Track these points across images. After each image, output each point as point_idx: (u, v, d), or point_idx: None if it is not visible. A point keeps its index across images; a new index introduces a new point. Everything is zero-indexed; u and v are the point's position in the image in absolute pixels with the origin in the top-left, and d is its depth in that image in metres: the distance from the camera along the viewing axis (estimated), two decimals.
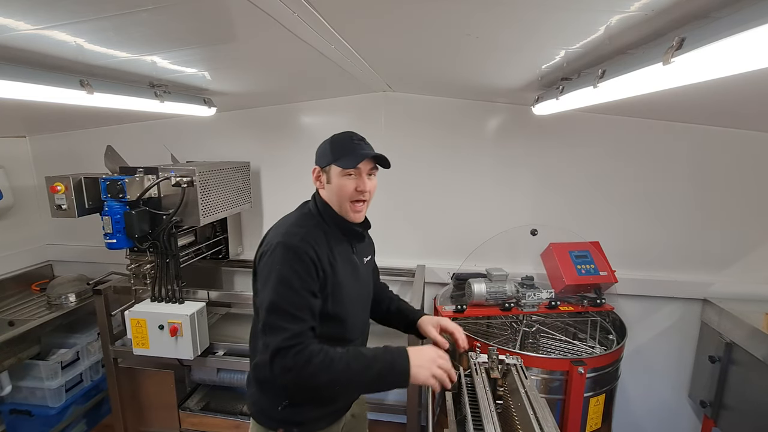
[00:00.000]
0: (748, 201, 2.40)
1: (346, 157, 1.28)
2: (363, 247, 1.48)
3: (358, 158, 1.27)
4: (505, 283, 2.22)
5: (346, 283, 1.32)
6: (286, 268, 1.20)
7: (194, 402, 2.51)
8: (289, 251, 1.21)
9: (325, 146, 1.35)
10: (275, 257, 1.22)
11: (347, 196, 1.30)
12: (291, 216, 1.39)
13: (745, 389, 2.13)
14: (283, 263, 1.20)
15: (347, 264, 1.35)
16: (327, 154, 1.32)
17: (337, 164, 1.29)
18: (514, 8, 1.08)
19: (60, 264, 3.13)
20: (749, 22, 0.66)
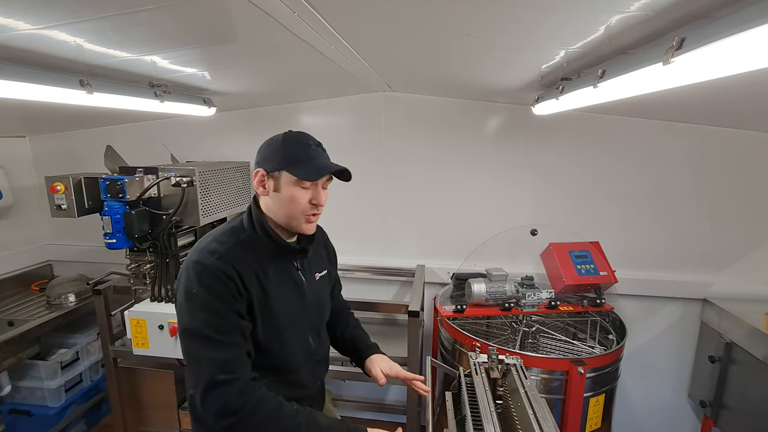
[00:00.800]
0: (748, 201, 2.40)
1: (302, 165, 1.10)
2: (314, 262, 1.34)
3: (320, 171, 1.11)
4: (505, 283, 2.22)
5: (282, 306, 1.17)
6: (203, 290, 1.05)
7: None
8: (204, 270, 1.06)
9: (274, 147, 1.14)
10: (190, 278, 1.07)
11: (300, 210, 1.14)
12: (217, 229, 1.21)
13: (745, 389, 2.13)
14: (199, 284, 1.05)
15: (286, 282, 1.21)
16: (277, 157, 1.12)
17: (291, 172, 1.10)
18: (514, 8, 1.08)
19: (60, 264, 3.13)
20: (749, 22, 0.66)
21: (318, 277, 1.34)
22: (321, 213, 1.20)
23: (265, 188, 1.16)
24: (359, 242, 2.73)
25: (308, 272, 1.30)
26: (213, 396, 1.01)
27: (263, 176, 1.15)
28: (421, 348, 2.32)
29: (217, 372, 1.02)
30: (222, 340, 1.04)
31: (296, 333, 1.23)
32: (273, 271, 1.17)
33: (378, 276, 2.78)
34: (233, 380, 1.02)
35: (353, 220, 2.77)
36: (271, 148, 1.15)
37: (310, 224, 1.19)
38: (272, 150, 1.14)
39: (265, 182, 1.16)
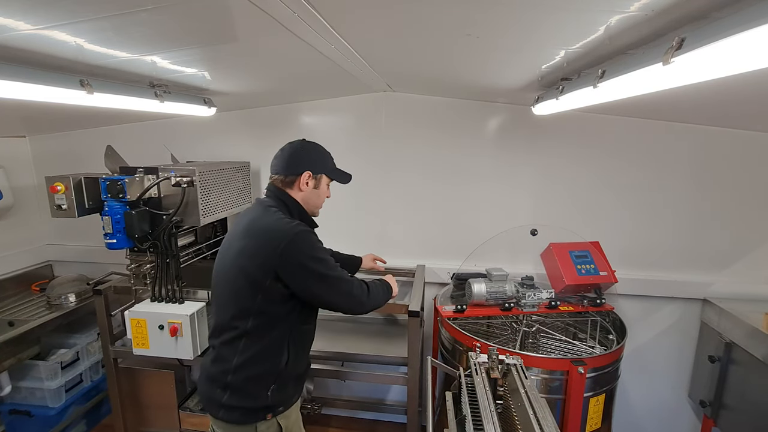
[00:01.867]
0: (748, 201, 2.40)
1: (339, 173, 1.63)
2: None
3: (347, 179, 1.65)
4: (505, 283, 2.22)
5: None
6: (317, 244, 1.47)
7: (194, 402, 2.50)
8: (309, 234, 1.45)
9: (320, 156, 1.59)
10: (305, 243, 1.42)
11: (323, 201, 1.62)
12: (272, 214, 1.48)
13: (745, 389, 2.13)
14: (315, 242, 1.46)
15: None
16: (325, 164, 1.58)
17: (331, 177, 1.61)
18: (514, 8, 1.08)
19: (60, 264, 3.13)
20: (749, 23, 0.66)
21: None
22: None
23: (308, 186, 1.55)
24: (359, 242, 2.72)
25: None
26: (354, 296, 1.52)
27: (309, 176, 1.54)
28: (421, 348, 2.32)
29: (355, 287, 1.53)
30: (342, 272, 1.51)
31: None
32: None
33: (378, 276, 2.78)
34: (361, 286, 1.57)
35: (353, 219, 2.77)
36: (320, 156, 1.59)
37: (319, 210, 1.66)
38: (319, 158, 1.58)
39: (308, 181, 1.54)
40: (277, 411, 1.50)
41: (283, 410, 1.51)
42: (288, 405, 1.54)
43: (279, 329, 1.45)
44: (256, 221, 1.47)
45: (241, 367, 1.43)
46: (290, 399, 1.56)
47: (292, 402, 1.57)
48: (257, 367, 1.44)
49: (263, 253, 1.38)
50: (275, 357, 1.46)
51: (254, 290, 1.39)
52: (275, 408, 1.49)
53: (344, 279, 1.48)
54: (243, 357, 1.43)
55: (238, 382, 1.44)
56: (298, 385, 1.61)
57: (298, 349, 1.53)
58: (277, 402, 1.49)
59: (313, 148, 1.59)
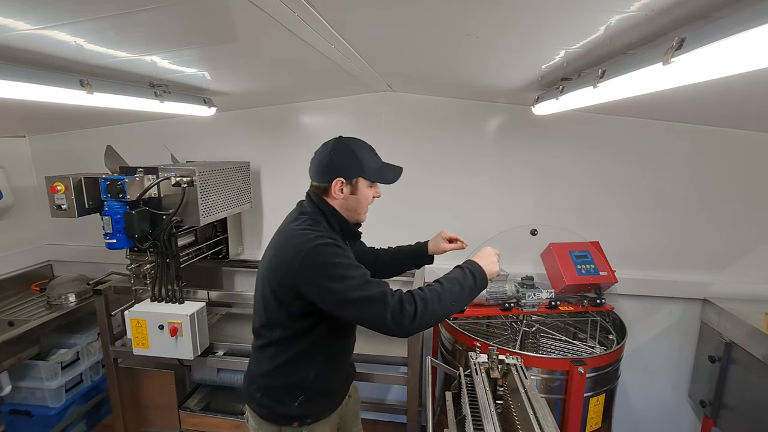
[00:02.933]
0: (748, 201, 2.40)
1: (378, 172, 1.41)
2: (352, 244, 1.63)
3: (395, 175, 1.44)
4: (505, 283, 2.22)
5: None
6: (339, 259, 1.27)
7: (194, 402, 2.51)
8: (333, 245, 1.29)
9: (353, 158, 1.38)
10: (323, 258, 1.26)
11: (367, 204, 1.44)
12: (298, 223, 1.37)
13: (745, 389, 2.13)
14: (336, 256, 1.27)
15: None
16: (359, 167, 1.38)
17: (369, 178, 1.40)
18: (514, 8, 1.08)
19: (60, 264, 3.13)
20: (749, 22, 0.66)
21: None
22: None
23: (342, 193, 1.39)
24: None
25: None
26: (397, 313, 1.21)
27: (342, 184, 1.38)
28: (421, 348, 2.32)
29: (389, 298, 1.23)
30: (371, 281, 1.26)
31: None
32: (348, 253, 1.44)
33: None
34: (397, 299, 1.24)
35: None
36: (348, 160, 1.38)
37: (366, 214, 1.48)
38: (350, 160, 1.38)
39: (342, 188, 1.39)
40: (305, 422, 1.45)
41: (312, 422, 1.46)
42: (317, 418, 1.47)
43: (305, 343, 1.39)
44: (282, 231, 1.41)
45: (271, 374, 1.43)
46: (321, 413, 1.48)
47: (323, 415, 1.49)
48: (285, 378, 1.42)
49: (282, 269, 1.31)
50: (302, 370, 1.42)
51: (279, 304, 1.35)
52: (303, 419, 1.45)
53: (373, 299, 1.22)
54: (272, 365, 1.42)
55: (269, 387, 1.45)
56: (334, 398, 1.54)
57: (328, 364, 1.46)
58: (305, 414, 1.45)
59: (345, 150, 1.39)
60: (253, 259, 2.91)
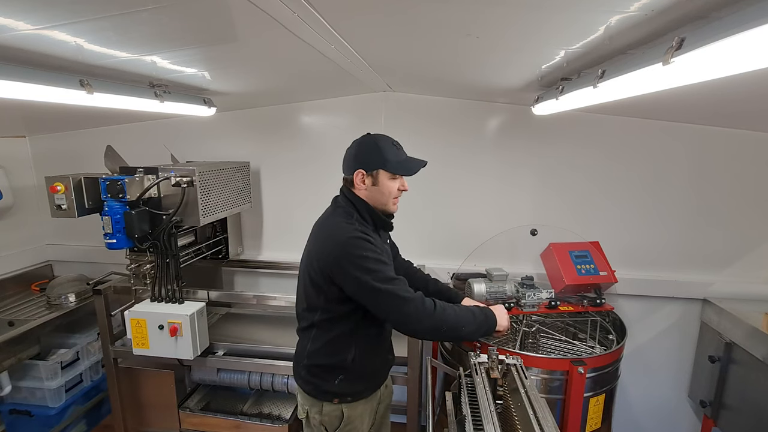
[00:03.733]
0: (747, 201, 2.40)
1: (399, 164, 1.49)
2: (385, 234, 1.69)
3: (415, 168, 1.51)
4: (505, 283, 2.22)
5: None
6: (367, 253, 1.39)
7: (194, 402, 2.51)
8: (362, 239, 1.41)
9: (370, 150, 1.49)
10: (352, 250, 1.39)
11: (393, 195, 1.52)
12: (334, 217, 1.52)
13: (745, 389, 2.13)
14: (364, 249, 1.39)
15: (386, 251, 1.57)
16: (377, 159, 1.47)
17: (389, 170, 1.48)
18: (514, 9, 1.08)
19: (60, 264, 3.13)
20: (749, 23, 0.66)
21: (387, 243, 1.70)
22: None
23: (364, 184, 1.50)
24: None
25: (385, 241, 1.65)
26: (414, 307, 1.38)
27: (363, 175, 1.49)
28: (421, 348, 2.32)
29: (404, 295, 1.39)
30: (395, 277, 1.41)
31: None
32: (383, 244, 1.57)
33: None
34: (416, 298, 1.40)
35: None
36: (369, 152, 1.49)
37: (396, 205, 1.57)
38: (369, 153, 1.49)
39: (364, 180, 1.50)
40: (345, 399, 1.58)
41: (352, 400, 1.58)
42: (357, 397, 1.59)
43: (343, 326, 1.52)
44: (321, 224, 1.56)
45: (313, 354, 1.56)
46: (360, 393, 1.60)
47: (362, 396, 1.61)
48: (325, 358, 1.55)
49: (322, 258, 1.45)
50: (341, 352, 1.54)
51: (317, 290, 1.48)
52: (343, 396, 1.57)
53: (397, 294, 1.37)
54: (314, 346, 1.56)
55: (312, 366, 1.58)
56: (372, 381, 1.65)
57: (366, 348, 1.57)
58: (344, 391, 1.57)
59: (366, 144, 1.51)
60: (253, 259, 2.91)
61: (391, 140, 1.52)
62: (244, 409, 2.48)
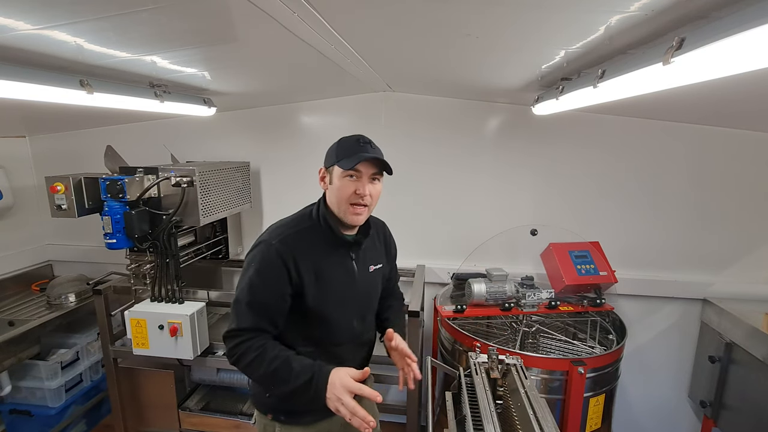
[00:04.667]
0: (747, 201, 2.40)
1: (348, 158, 1.27)
2: (370, 254, 1.47)
3: (356, 159, 1.25)
4: (505, 283, 2.22)
5: (332, 289, 1.35)
6: (257, 269, 1.28)
7: (194, 402, 2.51)
8: (266, 252, 1.28)
9: (332, 147, 1.35)
10: (254, 254, 1.30)
11: (346, 198, 1.29)
12: (291, 215, 1.42)
13: (745, 389, 2.13)
14: (258, 262, 1.28)
15: (340, 268, 1.38)
16: (332, 154, 1.33)
17: (338, 165, 1.29)
18: (514, 8, 1.08)
19: (60, 264, 3.13)
20: (749, 22, 0.66)
21: (372, 269, 1.48)
22: (369, 205, 1.33)
23: (325, 183, 1.36)
24: None
25: (362, 263, 1.44)
26: (226, 342, 1.29)
27: (324, 173, 1.36)
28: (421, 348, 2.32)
29: (233, 330, 1.28)
30: (248, 312, 1.27)
31: (342, 314, 1.39)
32: (328, 258, 1.35)
33: None
34: (238, 336, 1.27)
35: None
36: (330, 149, 1.35)
37: (356, 216, 1.32)
38: (330, 150, 1.35)
39: (324, 177, 1.36)
40: (278, 417, 1.44)
41: (285, 421, 1.44)
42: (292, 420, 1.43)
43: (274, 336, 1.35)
44: None
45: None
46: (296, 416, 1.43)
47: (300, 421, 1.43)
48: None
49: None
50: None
51: None
52: (275, 412, 1.44)
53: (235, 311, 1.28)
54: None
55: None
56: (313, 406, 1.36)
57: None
58: (276, 408, 1.44)
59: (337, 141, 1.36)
60: None
61: (362, 138, 1.32)
62: (244, 409, 2.48)
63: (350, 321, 1.43)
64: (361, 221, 1.35)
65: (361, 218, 1.33)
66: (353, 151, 1.28)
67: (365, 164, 1.28)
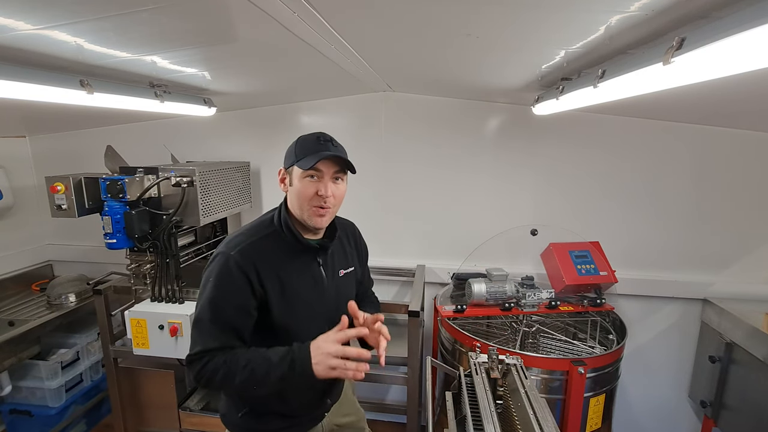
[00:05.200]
0: (748, 201, 2.40)
1: (307, 157, 1.18)
2: (338, 259, 1.38)
3: (316, 158, 1.16)
4: (505, 283, 2.22)
5: (299, 299, 1.25)
6: (216, 284, 1.18)
7: (194, 402, 2.51)
8: (225, 265, 1.19)
9: (291, 146, 1.25)
10: (212, 268, 1.21)
11: (307, 200, 1.20)
12: (250, 222, 1.32)
13: (746, 389, 2.13)
14: (217, 276, 1.19)
15: (305, 277, 1.28)
16: (291, 154, 1.23)
17: (297, 165, 1.19)
18: (514, 8, 1.08)
19: (60, 264, 3.13)
20: (749, 22, 0.66)
21: (342, 273, 1.39)
22: (331, 207, 1.23)
23: (285, 185, 1.27)
24: None
25: (330, 268, 1.34)
26: (190, 369, 1.18)
27: (284, 174, 1.27)
28: (421, 348, 2.32)
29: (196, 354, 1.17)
30: (211, 332, 1.18)
31: (312, 324, 1.27)
32: (293, 266, 1.26)
33: (378, 276, 2.78)
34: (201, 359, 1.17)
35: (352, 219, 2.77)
36: (289, 149, 1.25)
37: (320, 218, 1.23)
38: (290, 149, 1.25)
39: (285, 179, 1.27)
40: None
41: None
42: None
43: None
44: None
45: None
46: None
47: None
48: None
49: None
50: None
51: None
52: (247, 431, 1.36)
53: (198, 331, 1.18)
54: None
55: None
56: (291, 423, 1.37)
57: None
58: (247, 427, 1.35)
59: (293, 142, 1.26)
60: None
61: (323, 135, 1.23)
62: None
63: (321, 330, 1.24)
64: (324, 224, 1.25)
65: (325, 220, 1.24)
66: (313, 149, 1.19)
67: (326, 163, 1.18)
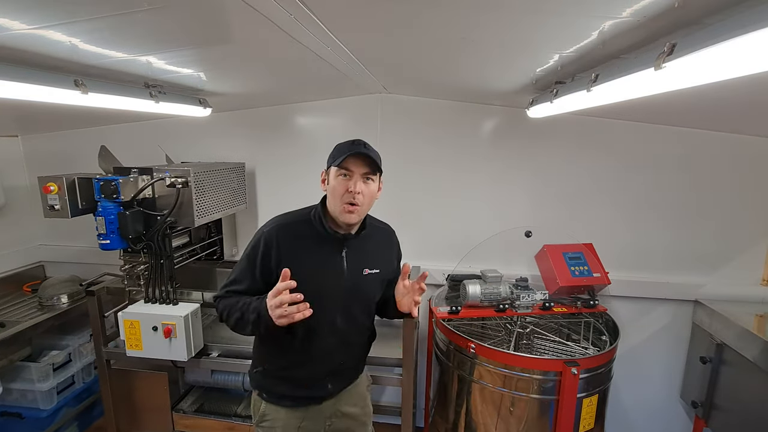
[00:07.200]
0: (739, 204, 2.43)
1: (339, 157, 1.36)
2: (365, 257, 1.51)
3: (345, 156, 1.34)
4: (499, 284, 2.23)
5: (310, 278, 1.38)
6: (247, 248, 1.46)
7: (188, 404, 2.49)
8: (257, 236, 1.45)
9: (332, 151, 1.44)
10: (252, 239, 1.48)
11: (339, 196, 1.36)
12: (296, 210, 1.54)
13: (736, 390, 2.16)
14: (250, 243, 1.46)
15: (323, 260, 1.45)
16: (330, 157, 1.43)
17: (333, 165, 1.38)
18: (509, 13, 1.09)
19: (52, 265, 3.10)
20: (738, 29, 0.67)
21: (366, 272, 1.52)
22: (360, 205, 1.37)
23: (324, 184, 1.45)
24: None
25: (354, 263, 1.49)
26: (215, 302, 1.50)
27: (324, 175, 1.46)
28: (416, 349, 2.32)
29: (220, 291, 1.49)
30: (235, 279, 1.47)
31: (322, 304, 1.40)
32: (314, 251, 1.44)
33: None
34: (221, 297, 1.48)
35: None
36: (330, 153, 1.43)
37: (349, 214, 1.37)
38: (330, 154, 1.43)
39: (325, 180, 1.45)
40: (261, 393, 1.57)
41: (267, 399, 1.56)
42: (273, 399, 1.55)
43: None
44: None
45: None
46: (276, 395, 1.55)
47: (281, 402, 1.55)
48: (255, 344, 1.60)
49: None
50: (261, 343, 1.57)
51: None
52: (260, 389, 1.58)
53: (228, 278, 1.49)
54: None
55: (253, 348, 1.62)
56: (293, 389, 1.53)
57: (271, 348, 1.54)
58: (260, 384, 1.58)
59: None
60: None
61: (358, 141, 1.40)
62: (238, 410, 2.47)
63: (333, 314, 1.48)
64: (353, 220, 1.39)
65: (354, 217, 1.38)
66: (346, 150, 1.36)
67: (357, 164, 1.35)
